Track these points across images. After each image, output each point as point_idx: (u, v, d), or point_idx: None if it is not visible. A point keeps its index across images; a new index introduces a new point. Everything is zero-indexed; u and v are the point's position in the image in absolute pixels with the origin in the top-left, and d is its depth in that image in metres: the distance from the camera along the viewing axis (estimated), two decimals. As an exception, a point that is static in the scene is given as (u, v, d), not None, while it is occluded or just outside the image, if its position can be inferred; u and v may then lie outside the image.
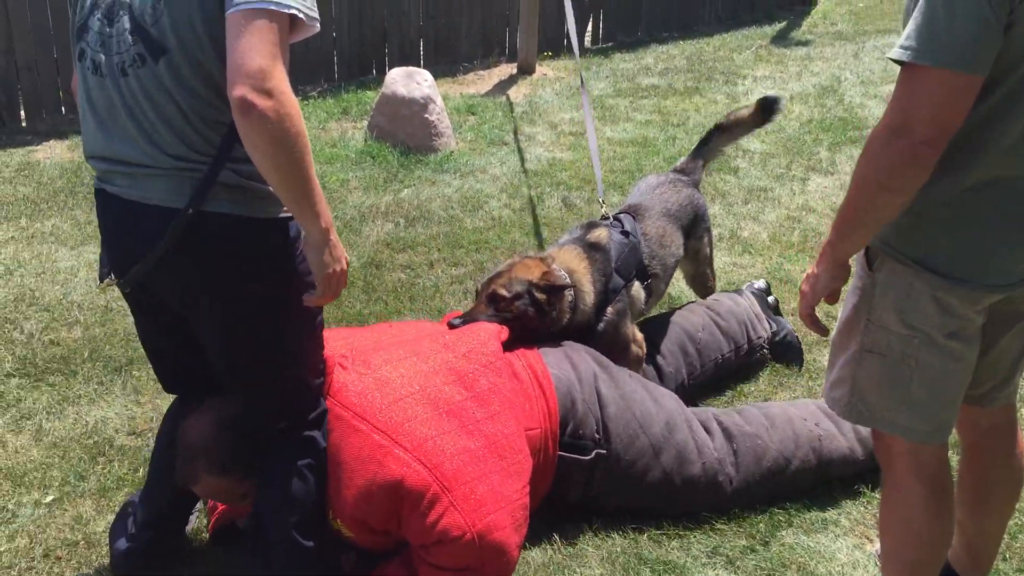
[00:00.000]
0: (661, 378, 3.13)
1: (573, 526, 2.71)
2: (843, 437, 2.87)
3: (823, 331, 2.09)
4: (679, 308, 3.53)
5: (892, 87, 1.75)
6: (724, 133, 3.62)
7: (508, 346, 2.72)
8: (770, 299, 3.59)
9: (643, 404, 2.76)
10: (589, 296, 2.98)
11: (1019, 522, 2.69)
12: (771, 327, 3.45)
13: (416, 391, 2.41)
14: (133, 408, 3.20)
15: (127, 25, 2.00)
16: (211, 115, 2.01)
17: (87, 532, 2.66)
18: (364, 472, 2.27)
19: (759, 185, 5.16)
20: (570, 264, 2.99)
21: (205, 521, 2.73)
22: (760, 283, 3.67)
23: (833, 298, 2.01)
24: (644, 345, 3.12)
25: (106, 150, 2.08)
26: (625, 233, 3.17)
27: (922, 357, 1.92)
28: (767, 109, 3.52)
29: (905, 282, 1.89)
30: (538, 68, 7.26)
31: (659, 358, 3.19)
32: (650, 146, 5.72)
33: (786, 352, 3.48)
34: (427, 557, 2.31)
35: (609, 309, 3.02)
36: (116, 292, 3.95)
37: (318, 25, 1.96)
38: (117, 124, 2.05)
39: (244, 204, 2.05)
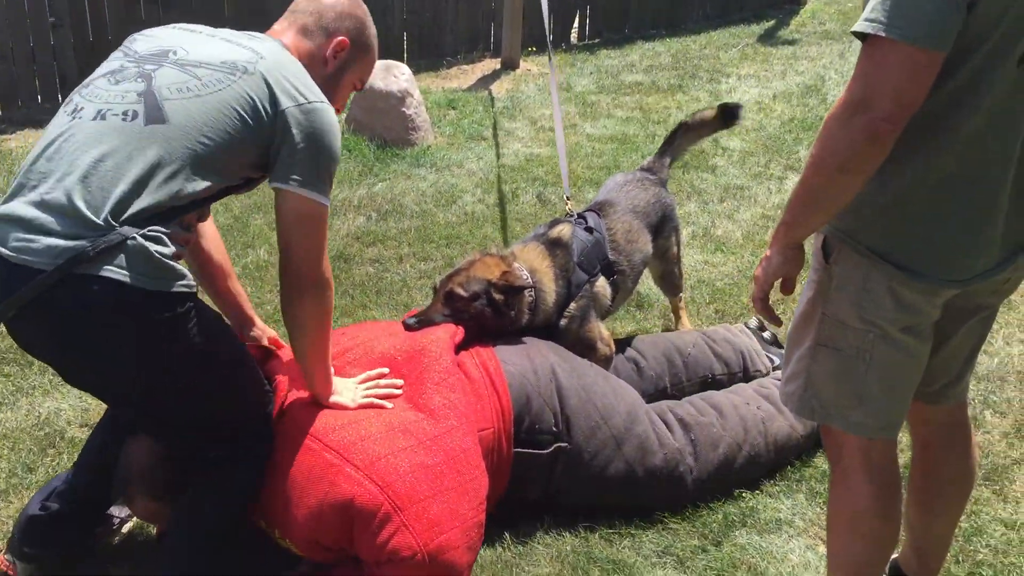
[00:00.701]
0: (640, 378, 3.09)
1: (525, 524, 2.67)
2: (783, 416, 2.90)
3: (776, 320, 2.06)
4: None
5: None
6: (689, 132, 3.63)
7: (463, 344, 2.69)
8: (766, 334, 3.47)
9: (604, 396, 2.73)
10: (551, 296, 2.94)
11: (974, 524, 2.67)
12: (772, 361, 3.34)
13: (371, 413, 2.37)
14: (87, 400, 3.16)
15: (139, 88, 2.07)
16: (173, 176, 2.02)
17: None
18: (315, 492, 2.23)
19: (736, 183, 5.13)
20: (532, 263, 2.95)
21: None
22: (752, 322, 3.54)
23: (788, 287, 1.97)
24: (612, 344, 3.08)
25: (25, 188, 2.00)
26: (589, 230, 3.13)
27: (876, 352, 1.90)
28: (728, 115, 3.54)
29: (862, 274, 1.87)
30: (522, 63, 7.23)
31: (640, 359, 3.14)
32: (629, 143, 5.69)
33: None
34: (378, 571, 2.27)
35: (572, 305, 2.99)
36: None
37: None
38: (60, 160, 1.99)
39: (145, 276, 1.97)
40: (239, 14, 6.49)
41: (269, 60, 2.15)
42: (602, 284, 3.09)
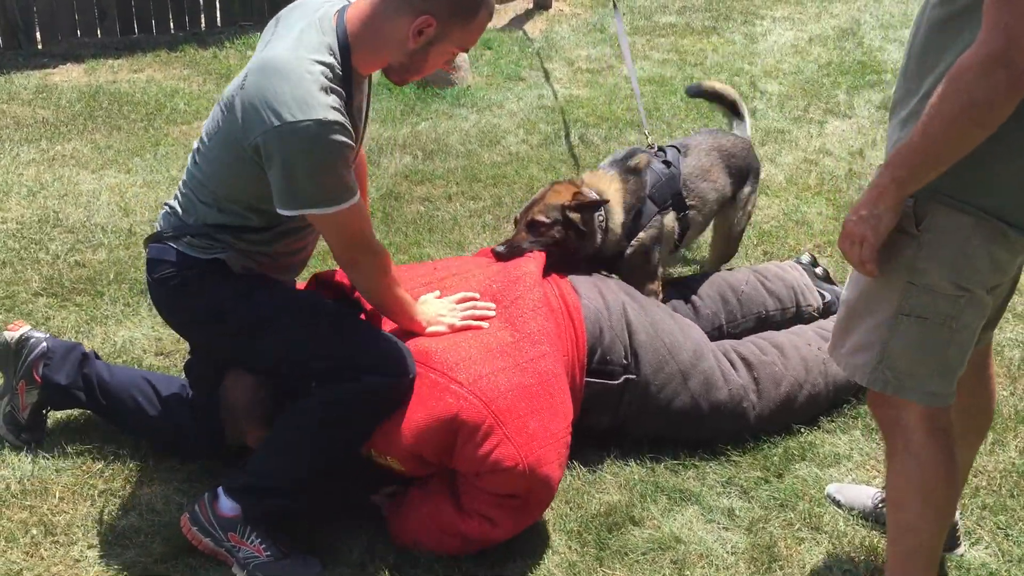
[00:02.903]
0: (697, 317, 3.14)
1: (593, 454, 2.78)
2: None
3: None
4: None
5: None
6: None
7: (543, 273, 2.78)
8: (818, 270, 3.52)
9: (671, 333, 2.83)
10: (618, 216, 3.01)
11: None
12: (823, 297, 3.38)
13: (469, 336, 2.48)
14: (160, 329, 3.25)
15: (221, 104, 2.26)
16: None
17: (116, 449, 2.74)
18: (421, 408, 2.33)
19: (776, 127, 5.15)
20: (599, 186, 3.02)
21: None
22: (805, 257, 3.59)
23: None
24: (661, 289, 3.14)
25: None
26: (667, 163, 3.19)
27: (963, 317, 1.87)
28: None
29: (961, 238, 1.81)
30: (554, 3, 7.19)
31: (695, 298, 3.19)
32: (667, 85, 5.70)
33: None
34: (478, 483, 2.39)
35: (641, 234, 3.07)
36: (140, 216, 3.99)
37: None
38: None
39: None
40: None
41: (249, 85, 2.12)
42: (671, 218, 3.15)
